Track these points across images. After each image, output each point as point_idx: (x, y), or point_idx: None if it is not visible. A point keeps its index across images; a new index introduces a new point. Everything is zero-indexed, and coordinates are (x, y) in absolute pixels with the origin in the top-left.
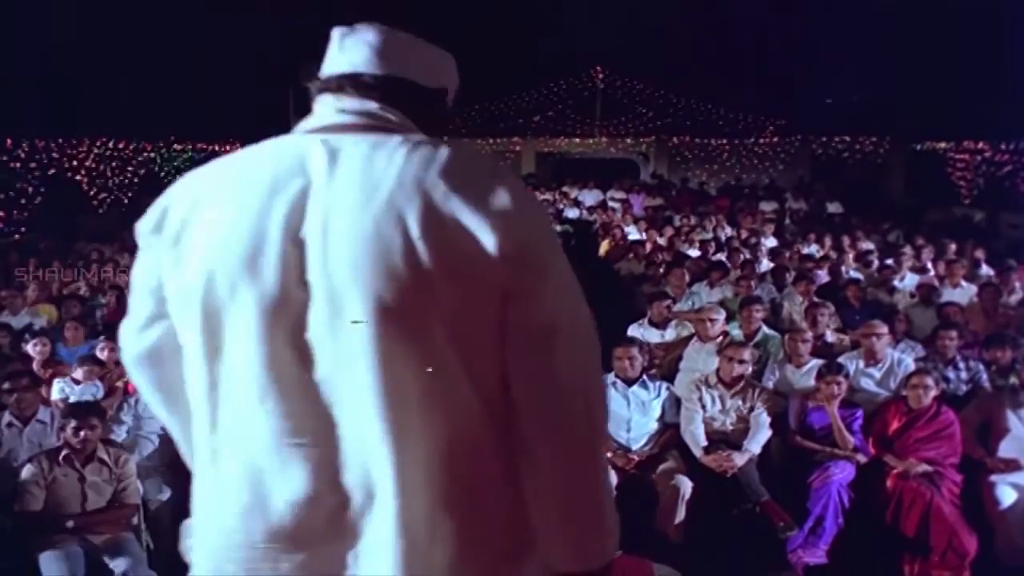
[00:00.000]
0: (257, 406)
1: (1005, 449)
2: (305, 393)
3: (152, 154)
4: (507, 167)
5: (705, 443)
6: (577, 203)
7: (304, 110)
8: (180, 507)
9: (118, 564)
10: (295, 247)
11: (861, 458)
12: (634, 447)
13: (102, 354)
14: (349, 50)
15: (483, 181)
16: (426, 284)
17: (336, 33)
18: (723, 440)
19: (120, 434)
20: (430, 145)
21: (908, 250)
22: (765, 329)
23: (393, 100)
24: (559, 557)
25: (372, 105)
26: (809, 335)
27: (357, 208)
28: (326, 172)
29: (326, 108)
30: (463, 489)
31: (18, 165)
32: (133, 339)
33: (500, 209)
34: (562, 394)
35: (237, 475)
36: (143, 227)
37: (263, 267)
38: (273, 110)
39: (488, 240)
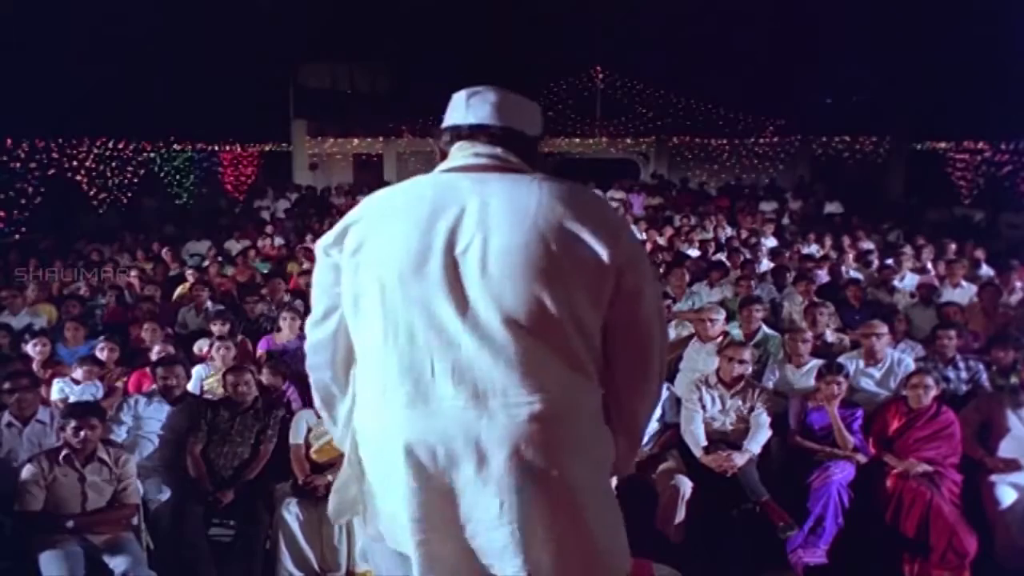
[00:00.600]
0: (423, 361)
1: (1005, 449)
2: (456, 357)
3: (152, 154)
4: (602, 197)
5: (705, 443)
6: None
7: (304, 110)
8: (180, 507)
9: (118, 564)
10: (450, 259)
11: (861, 458)
12: None
13: (102, 354)
14: (476, 107)
15: (595, 209)
16: (561, 284)
17: (462, 94)
18: (723, 440)
19: (120, 434)
20: (552, 181)
21: (908, 250)
22: (765, 329)
23: (510, 146)
24: (624, 466)
25: (498, 150)
26: (809, 335)
27: (509, 228)
28: (478, 201)
29: (463, 152)
30: (570, 413)
31: (18, 165)
32: (314, 329)
33: (611, 230)
34: (650, 362)
35: (399, 394)
36: (324, 241)
37: (429, 273)
38: (273, 110)
39: (604, 253)
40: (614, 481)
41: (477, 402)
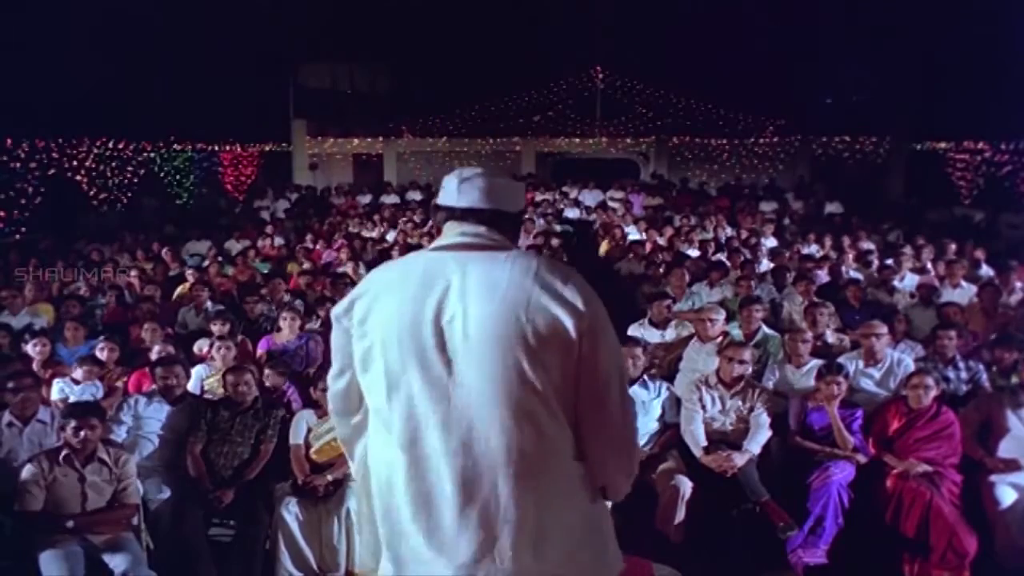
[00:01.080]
0: (420, 412)
1: (1005, 449)
2: (447, 409)
3: (152, 154)
4: (571, 268)
5: (705, 443)
6: (577, 203)
7: (304, 110)
8: (180, 507)
9: (118, 564)
10: (439, 327)
11: (861, 458)
12: None
13: (102, 354)
14: (466, 192)
15: (560, 284)
16: (531, 351)
17: (454, 180)
18: (723, 440)
19: (120, 434)
20: (524, 257)
21: (908, 250)
22: (765, 329)
23: (495, 225)
24: (613, 494)
25: (483, 229)
26: (809, 335)
27: (484, 302)
28: (459, 278)
29: (452, 231)
30: (538, 463)
31: (18, 165)
32: (334, 383)
33: (573, 304)
34: (611, 417)
35: (400, 439)
36: (338, 311)
37: (421, 337)
38: (273, 110)
39: (569, 324)
40: None
41: (464, 447)
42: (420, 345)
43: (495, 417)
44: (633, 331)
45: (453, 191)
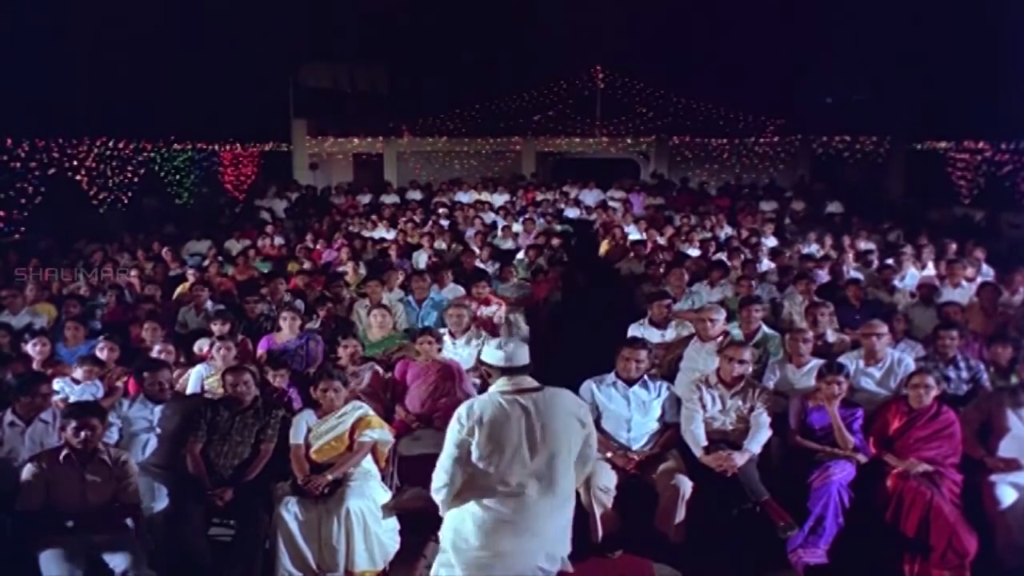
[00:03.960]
0: (514, 493)
1: (1005, 449)
2: (527, 490)
3: (152, 154)
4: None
5: (705, 443)
6: (577, 203)
7: (304, 110)
8: (180, 507)
9: (118, 564)
10: (529, 441)
11: (861, 458)
12: (634, 447)
13: (102, 354)
14: (514, 354)
15: (577, 400)
16: (571, 442)
17: (500, 344)
18: (723, 440)
19: (111, 436)
20: (558, 392)
21: (908, 250)
22: (765, 329)
23: (530, 373)
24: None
25: (528, 378)
26: (809, 335)
27: (556, 419)
28: (534, 409)
29: (513, 380)
30: (567, 511)
31: (18, 165)
32: (452, 482)
33: (584, 411)
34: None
35: (494, 516)
36: (461, 427)
37: (519, 447)
38: (273, 110)
39: (584, 422)
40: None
41: (542, 498)
42: (520, 452)
43: (554, 481)
44: (633, 331)
45: (502, 355)
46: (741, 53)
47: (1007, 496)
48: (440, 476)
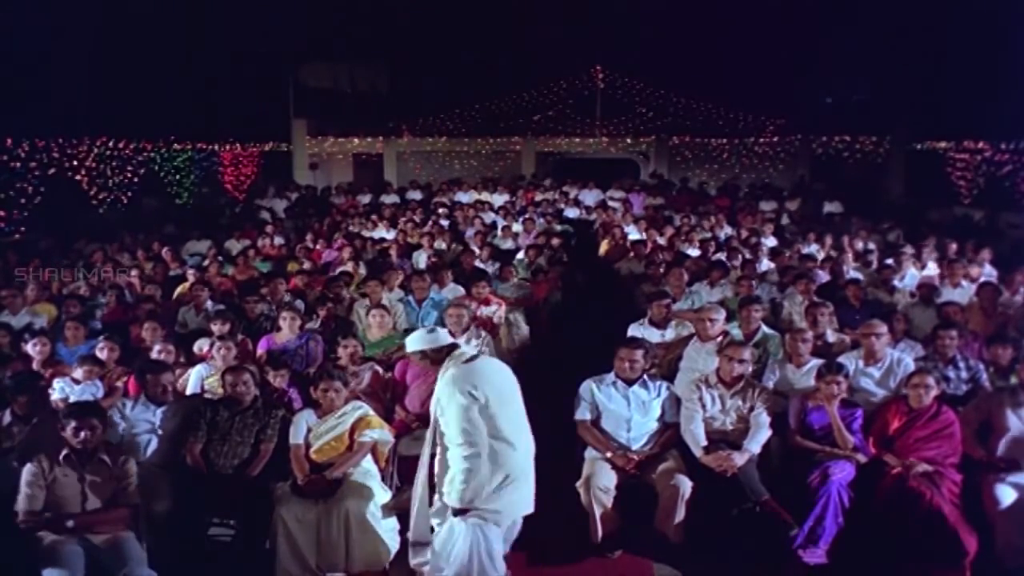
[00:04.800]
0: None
1: (1005, 449)
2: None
3: (152, 154)
4: None
5: (705, 443)
6: (577, 203)
7: (304, 110)
8: (178, 508)
9: (118, 564)
10: (513, 396)
11: (861, 458)
12: (634, 447)
13: (102, 354)
14: (441, 331)
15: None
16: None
17: (428, 330)
18: (723, 440)
19: (112, 438)
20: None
21: (908, 250)
22: (765, 329)
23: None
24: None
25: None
26: (809, 335)
27: (508, 377)
28: (499, 369)
29: (461, 351)
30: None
31: (18, 165)
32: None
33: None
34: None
35: (504, 471)
36: (469, 393)
37: (512, 402)
38: (273, 110)
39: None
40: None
41: (527, 448)
42: (514, 400)
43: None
44: (633, 331)
45: (440, 333)
46: (741, 53)
47: (1007, 496)
48: (468, 434)
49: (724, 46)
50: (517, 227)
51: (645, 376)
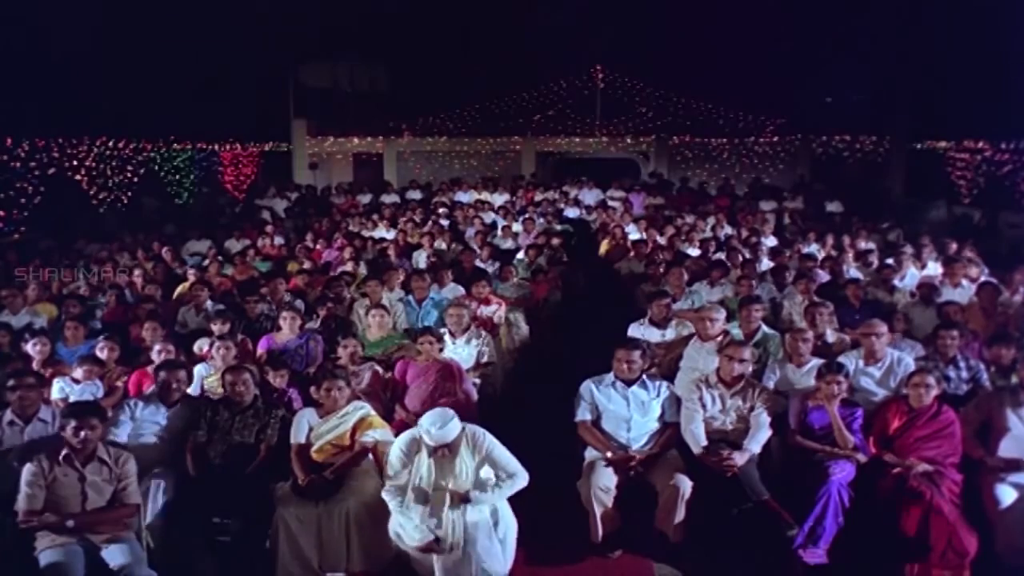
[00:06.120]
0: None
1: (1005, 448)
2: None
3: (152, 154)
4: None
5: (705, 442)
6: (577, 203)
7: (304, 110)
8: (178, 508)
9: (118, 563)
10: None
11: (861, 457)
12: (634, 447)
13: (102, 353)
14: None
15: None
16: None
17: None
18: (723, 439)
19: (120, 437)
20: None
21: (908, 249)
22: (765, 328)
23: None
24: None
25: None
26: (809, 334)
27: None
28: None
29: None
30: None
31: (18, 165)
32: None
33: None
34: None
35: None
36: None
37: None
38: (273, 110)
39: None
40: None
41: None
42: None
43: None
44: (633, 331)
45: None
46: (741, 53)
47: (1007, 496)
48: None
49: (724, 46)
50: (517, 227)
51: (644, 376)
